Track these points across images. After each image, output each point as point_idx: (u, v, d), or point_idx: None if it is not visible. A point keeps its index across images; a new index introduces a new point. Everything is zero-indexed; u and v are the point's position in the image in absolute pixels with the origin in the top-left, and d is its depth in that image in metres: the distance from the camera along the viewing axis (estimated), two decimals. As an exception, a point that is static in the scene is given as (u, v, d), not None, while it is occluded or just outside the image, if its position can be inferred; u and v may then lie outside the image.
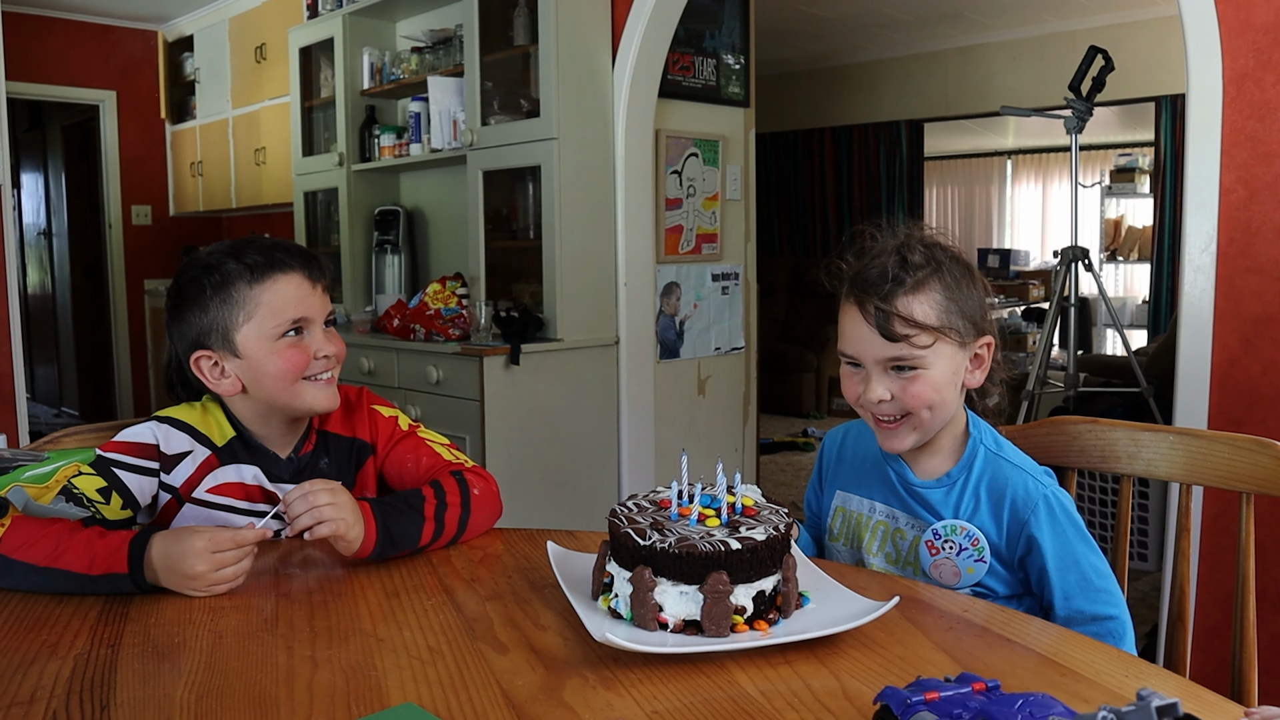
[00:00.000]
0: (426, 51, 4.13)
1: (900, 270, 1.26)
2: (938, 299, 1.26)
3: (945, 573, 1.29)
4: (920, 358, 1.26)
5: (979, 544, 1.28)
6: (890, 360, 1.27)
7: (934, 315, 1.26)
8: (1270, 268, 2.21)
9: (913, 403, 1.27)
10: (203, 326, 1.38)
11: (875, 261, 1.29)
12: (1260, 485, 1.33)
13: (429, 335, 3.54)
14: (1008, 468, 1.31)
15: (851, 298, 1.30)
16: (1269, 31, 2.17)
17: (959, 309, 1.27)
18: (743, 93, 4.14)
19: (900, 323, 1.25)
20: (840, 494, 1.45)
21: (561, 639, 1.05)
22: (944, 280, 1.27)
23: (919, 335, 1.25)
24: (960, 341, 1.28)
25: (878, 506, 1.39)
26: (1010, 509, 1.28)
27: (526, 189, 3.73)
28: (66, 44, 6.15)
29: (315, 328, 1.41)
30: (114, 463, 1.36)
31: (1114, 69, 3.46)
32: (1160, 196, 6.28)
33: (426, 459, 1.49)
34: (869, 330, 1.27)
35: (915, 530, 1.33)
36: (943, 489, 1.33)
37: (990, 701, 0.75)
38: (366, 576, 1.26)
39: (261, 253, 1.38)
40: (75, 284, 7.30)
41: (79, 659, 1.01)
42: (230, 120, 5.81)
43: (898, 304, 1.25)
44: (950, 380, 1.29)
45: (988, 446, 1.33)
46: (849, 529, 1.42)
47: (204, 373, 1.40)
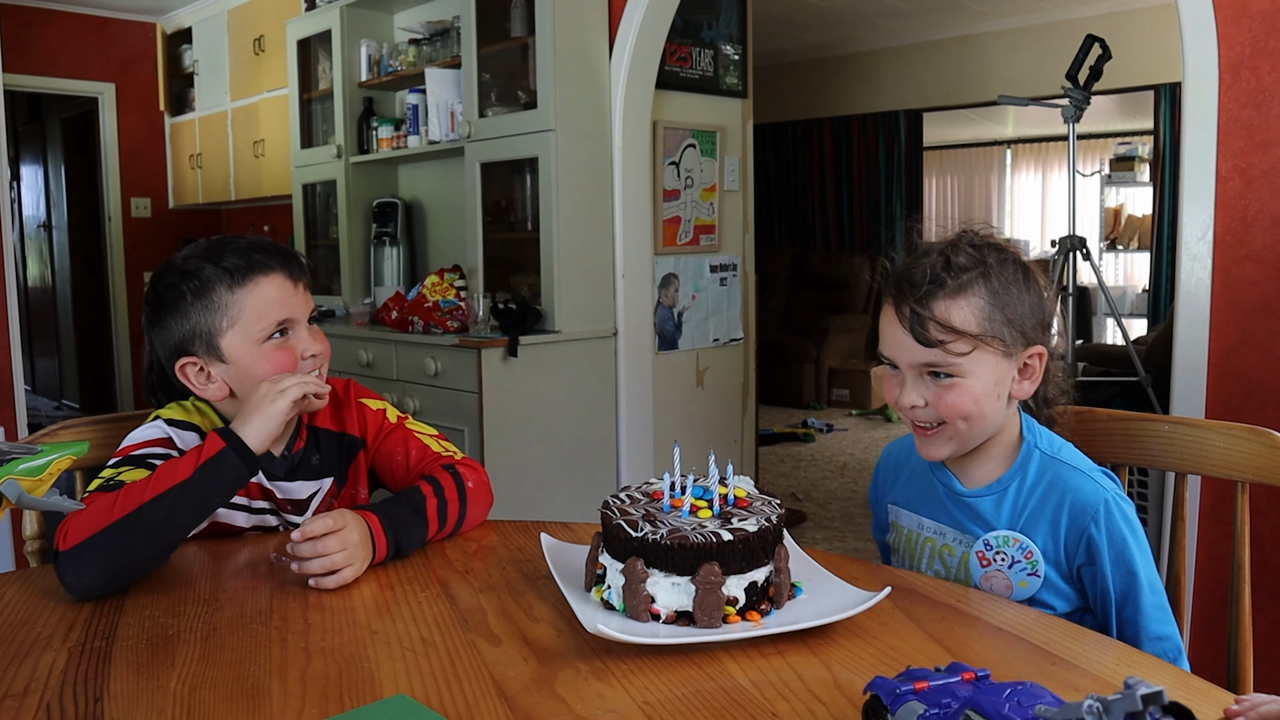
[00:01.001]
0: (424, 43, 4.12)
1: (942, 272, 1.19)
2: (980, 305, 1.19)
3: (997, 586, 1.23)
4: (957, 365, 1.19)
5: (1033, 557, 1.21)
6: (925, 366, 1.21)
7: (974, 322, 1.18)
8: (1267, 256, 2.20)
9: (947, 412, 1.21)
10: (185, 333, 1.36)
11: (918, 261, 1.22)
12: (1257, 474, 1.33)
13: (427, 327, 3.54)
14: (1066, 471, 1.23)
15: (890, 298, 1.24)
16: (1265, 19, 2.16)
17: (1005, 316, 1.19)
18: (740, 83, 4.13)
19: (936, 328, 1.18)
20: (893, 508, 1.40)
21: (554, 630, 1.05)
22: (990, 285, 1.19)
23: (955, 342, 1.18)
24: (1005, 351, 1.20)
25: (925, 523, 1.33)
26: (1070, 515, 1.20)
27: (524, 181, 3.72)
28: (65, 36, 6.14)
29: (300, 327, 1.40)
30: (147, 455, 1.33)
31: (1111, 58, 3.46)
32: (1159, 185, 6.27)
33: (416, 451, 1.49)
34: (903, 334, 1.21)
35: (963, 546, 1.27)
36: (993, 496, 1.26)
37: (979, 691, 0.75)
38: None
39: (239, 255, 1.36)
40: (75, 276, 7.30)
41: (73, 651, 1.02)
42: (229, 112, 5.80)
43: (935, 308, 1.18)
44: (991, 391, 1.21)
45: (1043, 450, 1.26)
46: (900, 544, 1.38)
47: (190, 379, 1.38)
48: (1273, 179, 2.18)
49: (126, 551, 1.17)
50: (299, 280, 1.40)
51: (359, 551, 1.22)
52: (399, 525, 1.30)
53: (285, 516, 1.46)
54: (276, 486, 1.44)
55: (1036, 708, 0.70)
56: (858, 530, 4.36)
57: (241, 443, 1.24)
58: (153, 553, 1.20)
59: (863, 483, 5.17)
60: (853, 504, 4.79)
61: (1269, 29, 2.16)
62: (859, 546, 4.13)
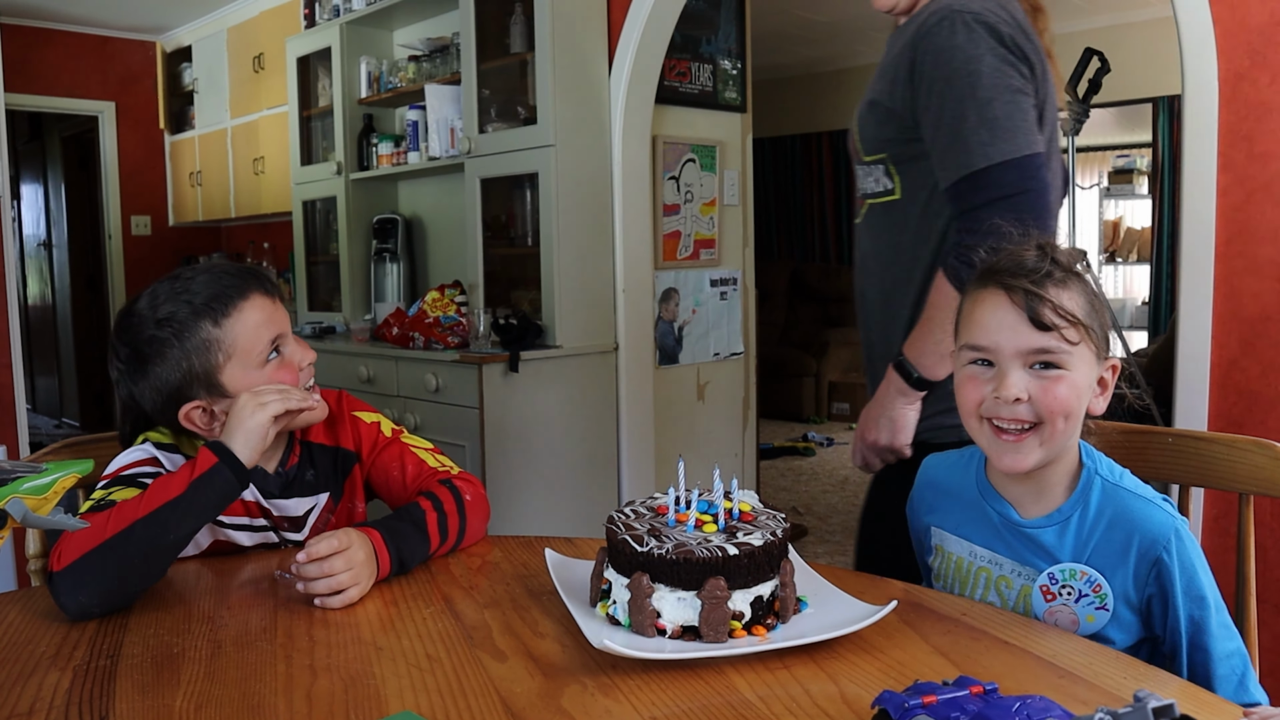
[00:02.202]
0: (424, 60, 4.13)
1: (1046, 262, 1.15)
2: (1082, 298, 1.15)
3: (1062, 620, 1.17)
4: (1066, 355, 1.13)
5: (1101, 590, 1.15)
6: (1034, 354, 1.14)
7: (1081, 311, 1.14)
8: (1267, 268, 2.21)
9: (1054, 406, 1.13)
10: (179, 380, 1.32)
11: (1022, 252, 1.17)
12: (1260, 486, 1.33)
13: (428, 343, 3.54)
14: (1131, 500, 1.17)
15: (993, 283, 1.16)
16: (1263, 32, 2.17)
17: (1099, 317, 1.16)
18: (739, 98, 4.15)
19: (1051, 311, 1.12)
20: (936, 530, 1.33)
21: (560, 646, 1.05)
22: (1085, 283, 1.17)
23: (1069, 328, 1.13)
24: (1097, 354, 1.16)
25: (978, 551, 1.26)
26: (1139, 548, 1.14)
27: (524, 196, 3.73)
28: (65, 55, 6.17)
29: (289, 340, 1.39)
30: (137, 475, 1.33)
31: (1110, 70, 3.47)
32: (1159, 197, 6.29)
33: (413, 466, 1.49)
34: (1015, 317, 1.13)
35: (1023, 578, 1.20)
36: (1054, 527, 1.19)
37: (988, 705, 0.75)
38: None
39: (210, 286, 1.33)
40: (75, 295, 7.31)
41: (78, 670, 1.01)
42: (229, 130, 5.82)
43: (1050, 290, 1.13)
44: (1085, 392, 1.16)
45: (1105, 477, 1.19)
46: (947, 571, 1.30)
47: (195, 424, 1.35)
48: (1273, 191, 2.19)
49: (121, 569, 1.16)
50: (273, 294, 1.39)
51: (364, 570, 1.22)
52: (401, 542, 1.29)
53: (283, 535, 1.46)
54: (273, 504, 1.43)
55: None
56: (860, 544, 4.35)
57: (233, 456, 1.23)
58: (148, 570, 1.19)
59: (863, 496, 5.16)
60: (853, 518, 4.77)
61: (1268, 42, 2.17)
62: (861, 560, 4.12)
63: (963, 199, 1.45)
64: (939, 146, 1.47)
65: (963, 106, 1.43)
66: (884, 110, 1.53)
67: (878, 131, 1.55)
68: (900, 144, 1.52)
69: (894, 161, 1.55)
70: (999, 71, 1.42)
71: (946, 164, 1.47)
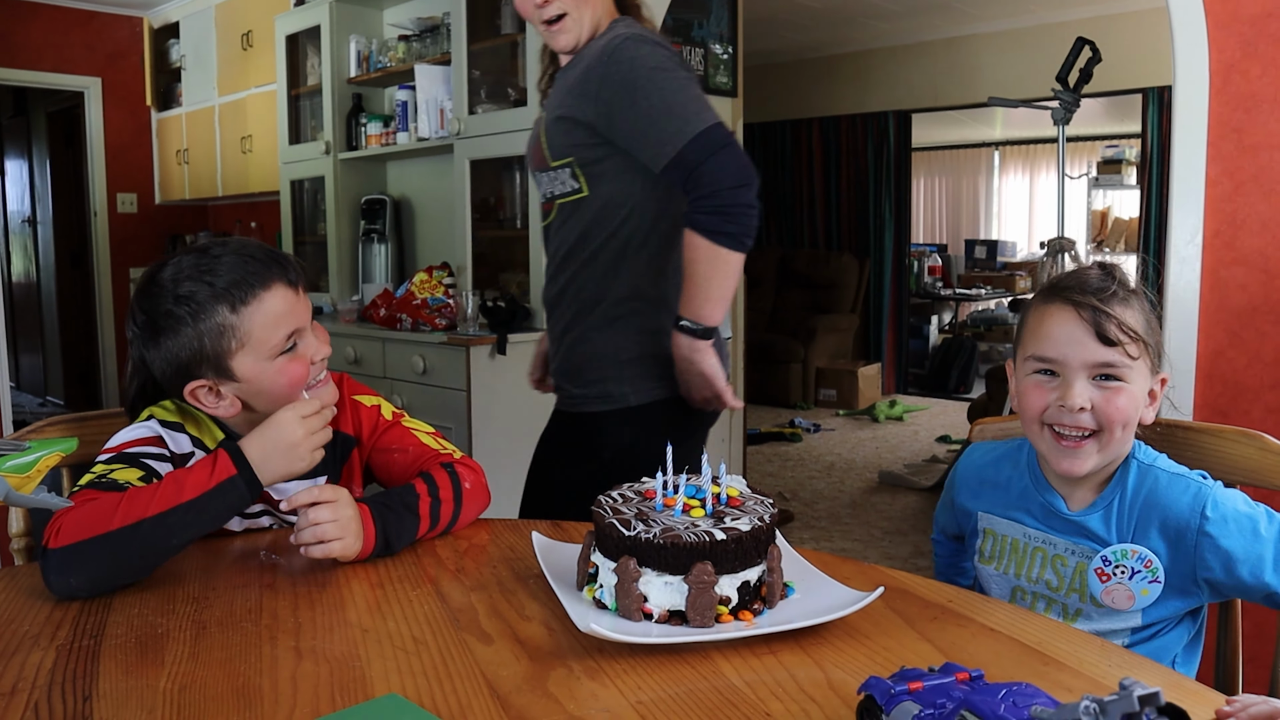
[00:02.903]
0: (414, 39, 4.11)
1: (1110, 281, 1.24)
2: (1144, 315, 1.25)
3: (1119, 598, 1.25)
4: (1128, 368, 1.22)
5: (1152, 565, 1.23)
6: (1098, 367, 1.23)
7: (1141, 328, 1.23)
8: (1255, 259, 2.22)
9: (1115, 415, 1.22)
10: (188, 358, 1.29)
11: (1087, 272, 1.26)
12: (1246, 476, 1.34)
13: (415, 325, 3.53)
14: (1164, 478, 1.25)
15: (1060, 299, 1.25)
16: (1255, 23, 2.17)
17: (1155, 334, 1.26)
18: (730, 82, 4.14)
19: (1116, 327, 1.21)
20: (985, 516, 1.40)
21: (546, 629, 1.05)
22: (1143, 302, 1.26)
23: (1131, 344, 1.22)
24: (1152, 368, 1.25)
25: (1031, 532, 1.33)
26: (1176, 521, 1.22)
27: (514, 178, 3.72)
28: (51, 30, 6.10)
29: (307, 334, 1.35)
30: (140, 454, 1.31)
31: (1101, 60, 3.47)
32: (1147, 188, 6.30)
33: (414, 449, 1.48)
34: (1082, 331, 1.22)
35: (1077, 556, 1.28)
36: (1099, 513, 1.27)
37: (974, 691, 0.75)
38: (351, 567, 1.25)
39: (235, 270, 1.29)
40: (60, 272, 7.26)
41: (61, 650, 1.01)
42: (216, 108, 5.77)
43: (1114, 308, 1.22)
44: (1139, 405, 1.24)
45: (1139, 460, 1.28)
46: (1001, 552, 1.37)
47: (200, 401, 1.33)
48: (1261, 182, 2.20)
49: (119, 561, 1.15)
50: (298, 284, 1.34)
51: (351, 526, 1.23)
52: (389, 519, 1.29)
53: (281, 516, 1.45)
54: (275, 490, 1.42)
55: (1032, 708, 0.70)
56: (844, 530, 4.37)
57: (252, 473, 1.21)
58: (142, 566, 1.18)
59: (850, 483, 5.18)
60: (839, 504, 4.80)
61: (1259, 33, 2.17)
62: (845, 546, 4.14)
63: (683, 167, 1.70)
64: (647, 137, 1.73)
65: (662, 97, 1.72)
66: (572, 122, 1.80)
67: (565, 140, 1.81)
68: (586, 149, 1.80)
69: (580, 165, 1.81)
70: (677, 70, 1.75)
71: (661, 145, 1.71)
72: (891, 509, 4.71)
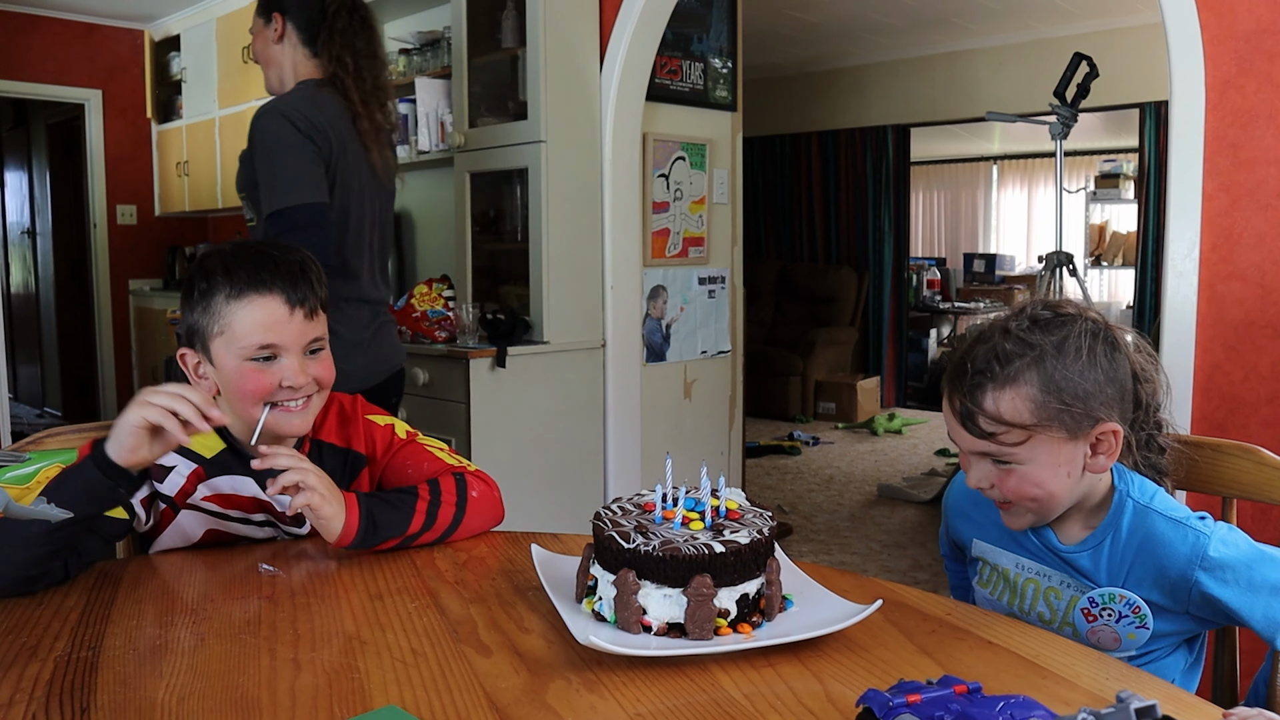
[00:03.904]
0: (414, 53, 4.12)
1: (989, 362, 1.17)
2: (1032, 393, 1.15)
3: (1104, 639, 1.22)
4: (1012, 454, 1.18)
5: (1140, 611, 1.19)
6: (983, 454, 1.21)
7: (1026, 412, 1.15)
8: (1251, 274, 2.22)
9: (1011, 495, 1.21)
10: (189, 325, 1.38)
11: (972, 349, 1.21)
12: (1243, 490, 1.34)
13: (415, 337, 3.53)
14: (1160, 522, 1.19)
15: (945, 386, 1.24)
16: (1251, 39, 2.19)
17: (1063, 402, 1.15)
18: (730, 97, 4.15)
19: (986, 420, 1.17)
20: (979, 544, 1.37)
21: (545, 642, 1.05)
22: (1044, 370, 1.15)
23: (1007, 433, 1.16)
24: (1068, 435, 1.16)
25: (1025, 564, 1.30)
26: (1171, 571, 1.17)
27: (514, 191, 3.72)
28: (52, 42, 6.12)
29: (288, 355, 1.36)
30: None
31: (1098, 75, 3.49)
32: (1144, 202, 6.32)
33: (429, 465, 1.49)
34: (956, 422, 1.21)
35: (1071, 590, 1.25)
36: (1089, 551, 1.23)
37: (971, 704, 0.75)
38: (350, 578, 1.26)
39: (248, 268, 1.35)
40: (59, 283, 7.26)
41: (59, 661, 1.01)
42: (217, 120, 5.78)
43: (984, 401, 1.17)
44: (1055, 472, 1.18)
45: (1135, 499, 1.22)
46: (997, 581, 1.34)
47: (187, 367, 1.40)
48: (1258, 197, 2.20)
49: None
50: (299, 306, 1.35)
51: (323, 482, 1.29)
52: (376, 504, 1.34)
53: (283, 528, 1.45)
54: (276, 501, 1.43)
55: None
56: (844, 543, 4.36)
57: (103, 454, 1.19)
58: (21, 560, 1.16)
59: (849, 496, 5.18)
60: (838, 517, 4.79)
61: (1254, 49, 2.18)
62: (844, 560, 4.14)
63: (270, 230, 2.07)
64: (261, 193, 2.12)
65: (269, 166, 2.11)
66: (241, 164, 2.23)
67: (243, 180, 2.23)
68: (250, 188, 2.19)
69: (249, 200, 2.22)
70: (293, 144, 2.11)
71: (263, 205, 2.11)
72: (890, 522, 4.70)
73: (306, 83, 2.28)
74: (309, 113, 2.15)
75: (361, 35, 2.35)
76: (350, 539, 1.31)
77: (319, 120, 2.16)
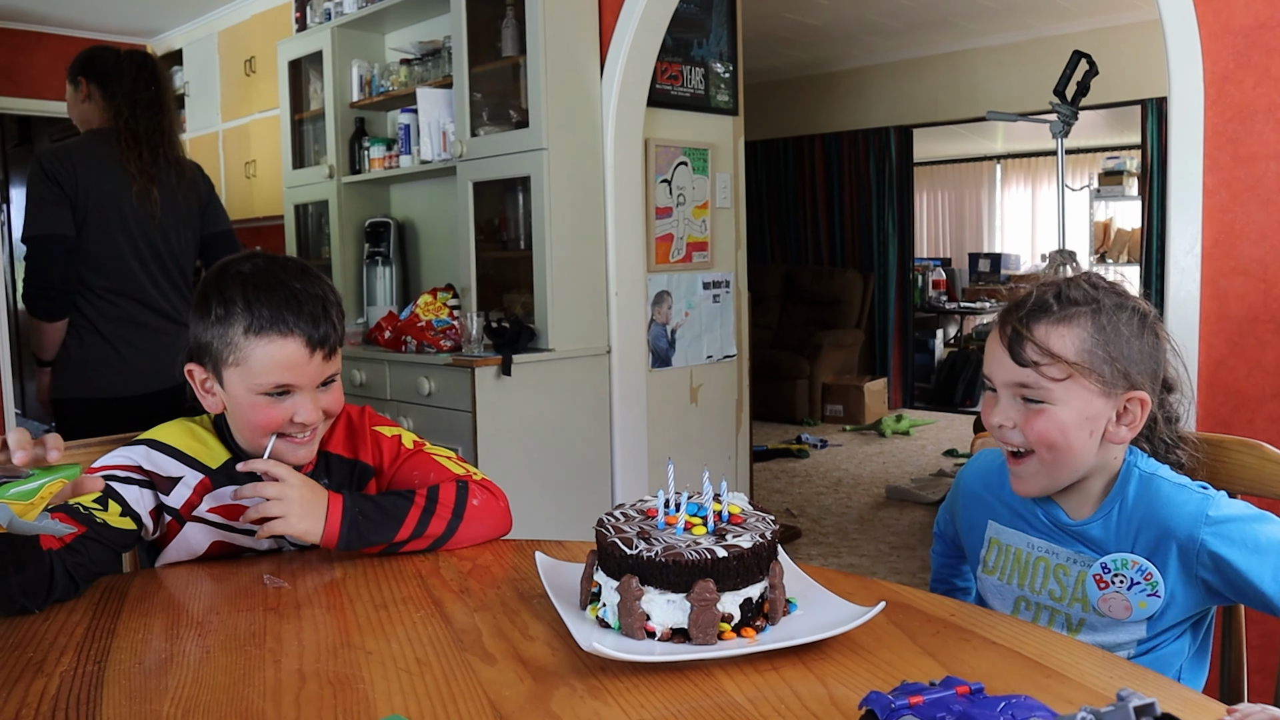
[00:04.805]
0: (415, 63, 4.13)
1: (1052, 299, 1.21)
2: (1083, 335, 1.19)
3: (1115, 607, 1.23)
4: (1048, 390, 1.20)
5: (1152, 578, 1.21)
6: (1019, 387, 1.22)
7: (1073, 351, 1.19)
8: (1253, 269, 2.22)
9: (1033, 438, 1.21)
10: (201, 343, 1.37)
11: (1034, 289, 1.24)
12: (1247, 485, 1.34)
13: (420, 347, 3.54)
14: (1164, 486, 1.23)
15: (998, 318, 1.26)
16: (1248, 34, 2.18)
17: (1107, 354, 1.19)
18: (731, 101, 4.16)
19: (1033, 348, 1.19)
20: (994, 524, 1.38)
21: (549, 649, 1.05)
22: (1098, 321, 1.20)
23: (1050, 366, 1.19)
24: (1103, 389, 1.20)
25: (1035, 542, 1.32)
26: (1179, 531, 1.19)
27: (517, 199, 3.73)
28: (55, 59, 6.14)
29: (302, 394, 1.37)
30: (104, 476, 1.36)
31: (1098, 73, 3.48)
32: (1148, 199, 6.31)
33: (435, 474, 1.49)
34: (1002, 351, 1.23)
35: (1079, 565, 1.27)
36: (1099, 521, 1.26)
37: (973, 704, 0.75)
38: (355, 589, 1.26)
39: (271, 305, 1.33)
40: (66, 299, 7.27)
41: (65, 676, 1.01)
42: (220, 133, 5.81)
43: (1036, 330, 1.20)
44: (1081, 425, 1.20)
45: (1141, 469, 1.25)
46: (1005, 563, 1.35)
47: (194, 381, 1.41)
48: (1258, 192, 2.20)
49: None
50: (319, 349, 1.36)
51: (294, 506, 1.31)
52: (364, 506, 1.36)
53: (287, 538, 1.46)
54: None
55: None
56: (852, 545, 4.36)
57: None
58: None
59: (857, 498, 5.17)
60: (847, 519, 4.79)
61: (1252, 44, 2.18)
62: (854, 562, 4.13)
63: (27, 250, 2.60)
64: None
65: (26, 201, 2.56)
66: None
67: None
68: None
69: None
70: (38, 185, 2.58)
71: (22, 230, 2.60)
72: (899, 524, 4.70)
73: (88, 131, 2.72)
74: (60, 157, 2.59)
75: (145, 88, 2.73)
76: (333, 545, 1.34)
77: (69, 164, 2.58)
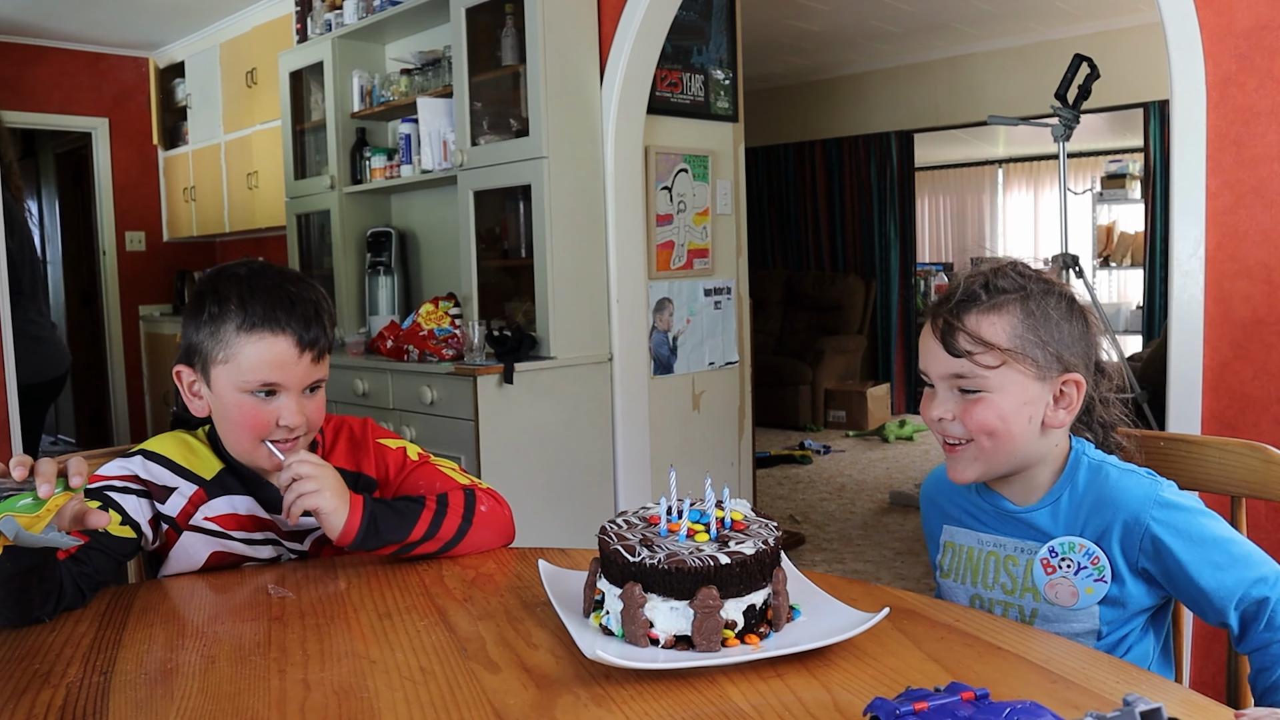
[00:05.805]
0: (415, 73, 4.14)
1: (980, 289, 1.23)
2: (1013, 322, 1.21)
3: (1062, 593, 1.23)
4: (983, 379, 1.21)
5: (1099, 563, 1.21)
6: (954, 378, 1.23)
7: (1005, 337, 1.20)
8: (1257, 271, 2.22)
9: (973, 426, 1.22)
10: (192, 344, 1.39)
11: (961, 281, 1.26)
12: (1252, 489, 1.34)
13: (422, 356, 3.54)
14: (1113, 472, 1.24)
15: (929, 312, 1.28)
16: (1250, 36, 2.18)
17: (1039, 338, 1.21)
18: (731, 107, 4.16)
19: (965, 338, 1.21)
20: (948, 528, 1.39)
21: (553, 657, 1.05)
22: (1027, 307, 1.21)
23: (983, 354, 1.20)
24: (1037, 374, 1.21)
25: (984, 537, 1.33)
26: (1126, 514, 1.20)
27: (517, 208, 3.74)
28: (58, 72, 6.17)
29: (288, 395, 1.37)
30: (105, 489, 1.36)
31: (1099, 76, 3.48)
32: (1151, 202, 6.31)
33: (441, 484, 1.50)
34: (935, 344, 1.24)
35: (1027, 554, 1.27)
36: (1046, 508, 1.27)
37: (978, 710, 0.75)
38: (359, 598, 1.26)
39: (264, 304, 1.35)
40: (70, 311, 7.30)
41: (71, 687, 1.01)
42: (222, 145, 5.82)
43: (967, 320, 1.21)
44: (1018, 411, 1.21)
45: (1089, 457, 1.27)
46: (959, 563, 1.36)
47: (182, 384, 1.41)
48: (1262, 194, 2.20)
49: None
50: (308, 350, 1.37)
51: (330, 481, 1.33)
52: (380, 506, 1.36)
53: (287, 546, 1.46)
54: (276, 518, 1.44)
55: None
56: (856, 552, 4.35)
57: None
58: None
59: (861, 504, 5.17)
60: (850, 525, 4.78)
61: (1254, 46, 2.18)
62: (858, 568, 4.12)
63: None
64: None
65: None
66: None
67: None
68: None
69: None
70: None
71: None
72: (903, 529, 4.69)
73: None
74: None
75: None
76: (351, 538, 1.34)
77: None
